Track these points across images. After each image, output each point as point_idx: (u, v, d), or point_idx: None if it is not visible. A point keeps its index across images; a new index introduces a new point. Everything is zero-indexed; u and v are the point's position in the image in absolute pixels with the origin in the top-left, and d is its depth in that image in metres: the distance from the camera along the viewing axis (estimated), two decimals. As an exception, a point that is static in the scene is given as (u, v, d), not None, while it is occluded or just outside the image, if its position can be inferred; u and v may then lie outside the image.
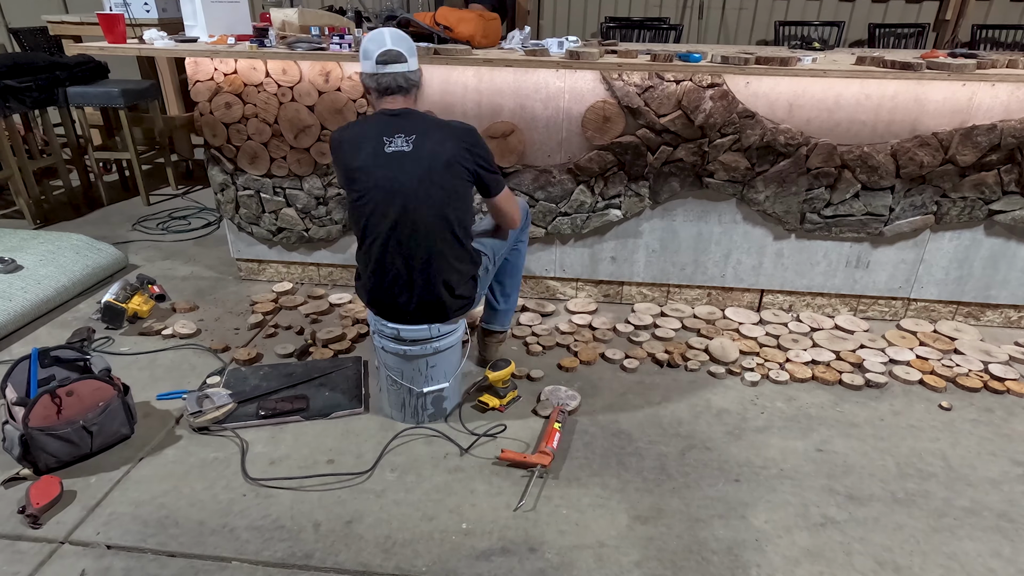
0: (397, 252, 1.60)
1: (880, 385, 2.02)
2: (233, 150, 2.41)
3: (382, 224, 1.58)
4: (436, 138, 1.56)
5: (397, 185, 1.55)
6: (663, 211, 2.34)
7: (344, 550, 1.41)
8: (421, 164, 1.54)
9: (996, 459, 1.73)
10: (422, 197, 1.55)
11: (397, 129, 1.55)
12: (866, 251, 2.31)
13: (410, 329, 1.68)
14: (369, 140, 1.56)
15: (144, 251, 2.96)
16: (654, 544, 1.44)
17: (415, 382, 1.75)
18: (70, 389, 1.61)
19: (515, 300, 2.03)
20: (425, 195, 1.55)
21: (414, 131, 1.55)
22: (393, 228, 1.58)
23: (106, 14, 2.25)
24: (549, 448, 1.65)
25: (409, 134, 1.55)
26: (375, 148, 1.55)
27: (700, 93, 2.09)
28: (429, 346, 1.71)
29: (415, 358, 1.72)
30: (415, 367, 1.73)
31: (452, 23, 2.26)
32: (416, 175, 1.54)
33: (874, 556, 1.42)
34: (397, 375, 1.74)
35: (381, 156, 1.54)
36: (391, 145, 1.54)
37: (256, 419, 1.78)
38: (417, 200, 1.56)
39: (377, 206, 1.57)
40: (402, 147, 1.54)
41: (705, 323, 2.36)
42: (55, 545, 1.42)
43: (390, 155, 1.54)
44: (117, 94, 3.22)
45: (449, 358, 1.78)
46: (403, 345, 1.70)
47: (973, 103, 2.04)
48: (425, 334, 1.69)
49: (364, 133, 1.58)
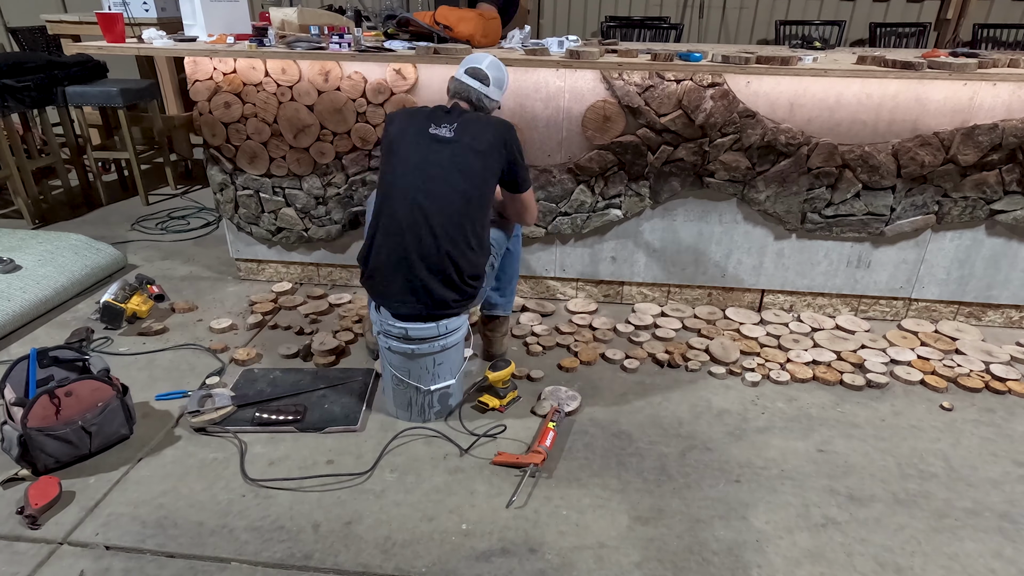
0: (414, 231, 1.65)
1: (881, 385, 2.01)
2: (232, 150, 2.40)
3: (405, 200, 1.65)
4: (476, 129, 1.69)
5: (430, 166, 1.65)
6: (664, 211, 2.33)
7: (343, 551, 1.41)
8: (457, 151, 1.66)
9: (997, 460, 1.72)
10: (452, 181, 1.65)
11: (444, 119, 1.70)
12: (867, 251, 2.31)
13: (418, 328, 1.68)
14: (418, 121, 1.71)
15: (143, 251, 2.96)
16: (654, 545, 1.44)
17: (423, 380, 1.75)
18: (69, 389, 1.60)
19: (515, 286, 2.07)
20: (455, 180, 1.65)
21: (457, 121, 1.70)
22: (416, 207, 1.64)
23: (105, 13, 2.25)
24: (542, 447, 1.65)
25: (453, 123, 1.69)
26: (420, 128, 1.70)
27: (701, 92, 2.09)
28: (437, 343, 1.71)
29: (422, 356, 1.72)
30: (422, 365, 1.73)
31: (452, 22, 2.25)
32: (450, 161, 1.66)
33: (875, 557, 1.42)
34: (404, 374, 1.74)
35: (424, 136, 1.68)
36: (435, 128, 1.69)
37: (251, 425, 1.78)
38: (446, 184, 1.65)
39: (409, 182, 1.66)
40: (445, 134, 1.68)
41: (706, 323, 2.36)
42: (54, 546, 1.42)
43: (432, 137, 1.68)
44: (116, 93, 3.21)
45: (455, 355, 1.79)
46: (410, 344, 1.70)
47: (974, 103, 2.03)
48: (432, 332, 1.69)
49: (417, 115, 1.73)
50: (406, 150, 1.68)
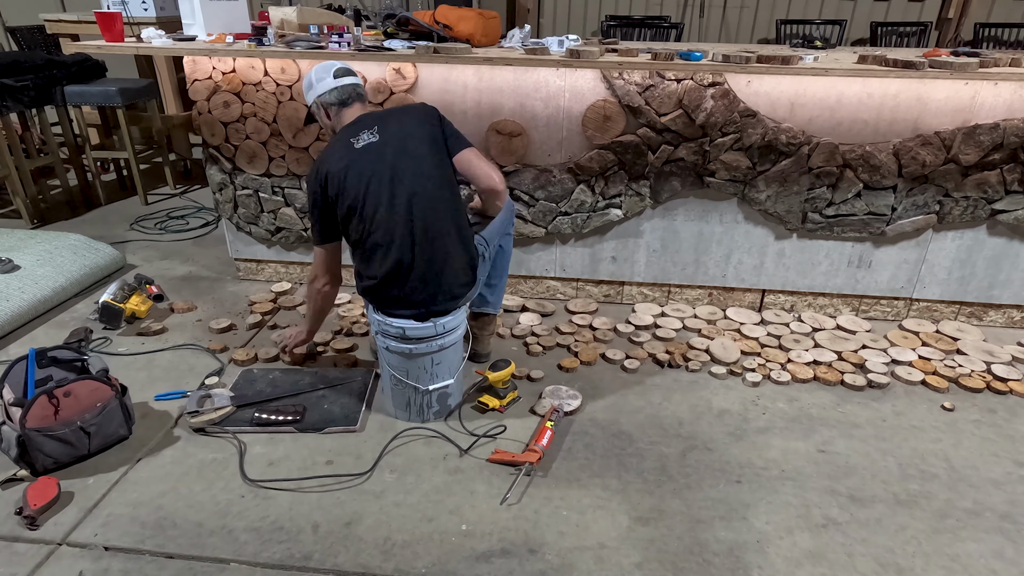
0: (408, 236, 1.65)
1: (882, 386, 2.01)
2: (231, 149, 2.40)
3: (390, 216, 1.64)
4: (396, 120, 1.69)
5: (380, 171, 1.63)
6: (664, 211, 2.33)
7: (343, 551, 1.41)
8: (392, 144, 1.65)
9: (999, 460, 1.72)
10: (407, 174, 1.64)
11: (359, 129, 1.68)
12: (868, 251, 2.30)
13: (415, 327, 1.67)
14: (339, 148, 1.67)
15: (142, 251, 2.95)
16: (655, 545, 1.44)
17: (421, 380, 1.74)
18: (68, 390, 1.60)
19: (504, 284, 2.06)
20: (408, 171, 1.64)
21: (375, 123, 1.68)
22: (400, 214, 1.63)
23: (104, 12, 2.24)
24: (539, 446, 1.65)
25: (371, 127, 1.67)
26: (347, 150, 1.65)
27: (701, 92, 2.08)
28: (434, 343, 1.71)
29: (420, 356, 1.71)
30: (420, 365, 1.73)
31: (452, 21, 2.24)
32: (392, 157, 1.64)
33: (876, 557, 1.41)
34: (402, 374, 1.74)
35: (354, 152, 1.65)
36: (360, 141, 1.66)
37: (250, 425, 1.77)
38: (405, 177, 1.63)
39: (383, 200, 1.63)
40: (370, 139, 1.66)
41: (706, 323, 2.35)
42: (52, 546, 1.41)
43: (361, 149, 1.65)
44: (115, 93, 3.21)
45: (453, 354, 1.78)
46: (408, 344, 1.69)
47: (976, 102, 2.03)
48: (430, 331, 1.69)
49: (334, 146, 1.69)
50: (360, 183, 1.62)
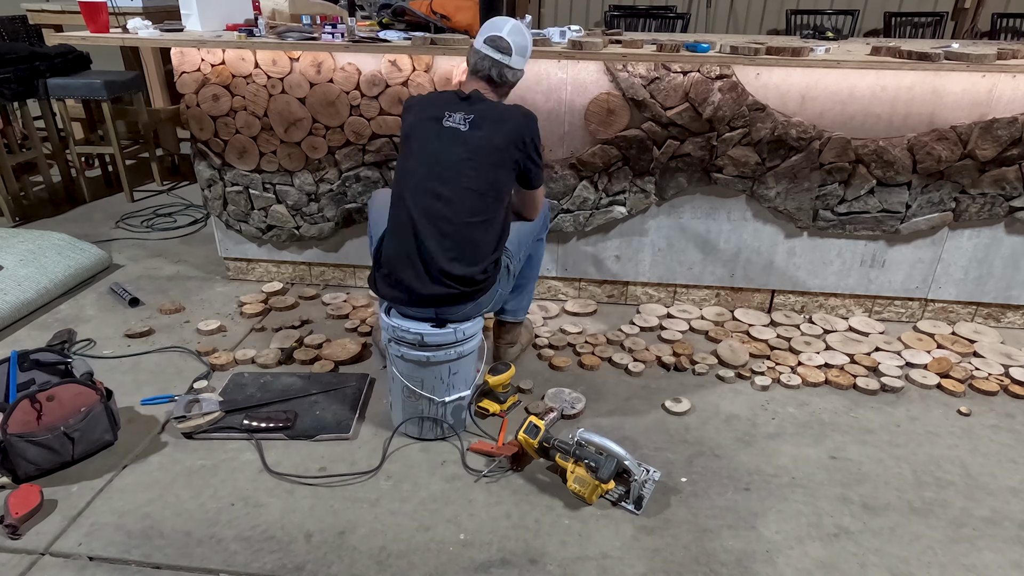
0: (426, 227, 1.61)
1: (896, 389, 1.98)
2: (221, 144, 2.35)
3: (418, 196, 1.62)
4: (494, 121, 1.62)
5: (443, 163, 1.61)
6: (670, 208, 2.29)
7: (336, 562, 1.38)
8: (468, 145, 1.60)
9: (1017, 467, 1.69)
10: (466, 177, 1.60)
11: (460, 107, 1.63)
12: (881, 250, 2.27)
13: (434, 333, 1.62)
14: (434, 110, 1.64)
15: (128, 250, 2.91)
16: (660, 555, 1.41)
17: (436, 391, 1.68)
18: (51, 394, 1.57)
19: (531, 291, 2.01)
20: (469, 176, 1.60)
21: (473, 113, 1.62)
22: (429, 203, 1.61)
23: (88, 2, 2.18)
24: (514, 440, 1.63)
25: (468, 115, 1.62)
26: (434, 118, 1.63)
27: (708, 85, 2.05)
28: (452, 351, 1.64)
29: (437, 364, 1.65)
30: (436, 375, 1.66)
31: (450, 11, 2.21)
32: (461, 155, 1.60)
33: (890, 568, 1.39)
34: (416, 384, 1.67)
35: (438, 128, 1.62)
36: (449, 120, 1.62)
37: (239, 432, 1.73)
38: (459, 180, 1.60)
39: (421, 177, 1.62)
40: (458, 125, 1.61)
41: (714, 325, 2.32)
42: (35, 556, 1.39)
43: (443, 129, 1.62)
44: (100, 86, 3.15)
45: (470, 363, 1.73)
46: (425, 351, 1.63)
47: (993, 95, 2.00)
48: (450, 338, 1.63)
49: (433, 103, 1.67)
50: (420, 144, 1.63)
